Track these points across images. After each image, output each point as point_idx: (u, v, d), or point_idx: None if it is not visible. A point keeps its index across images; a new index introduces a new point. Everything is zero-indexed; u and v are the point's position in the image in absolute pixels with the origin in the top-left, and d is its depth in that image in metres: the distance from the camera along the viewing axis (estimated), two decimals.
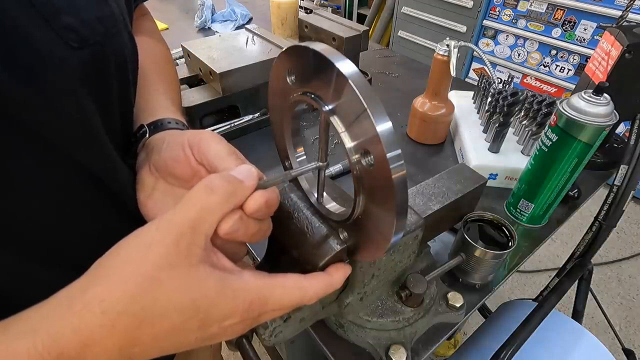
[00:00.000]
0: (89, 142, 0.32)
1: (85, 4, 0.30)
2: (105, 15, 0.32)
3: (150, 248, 0.23)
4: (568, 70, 1.88)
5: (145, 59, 0.45)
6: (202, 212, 0.24)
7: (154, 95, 0.44)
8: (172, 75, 0.52)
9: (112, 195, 0.36)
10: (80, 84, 0.29)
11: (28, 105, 0.26)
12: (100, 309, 0.21)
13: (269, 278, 0.27)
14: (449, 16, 2.17)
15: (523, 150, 0.68)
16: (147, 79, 0.45)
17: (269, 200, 0.27)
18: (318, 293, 0.28)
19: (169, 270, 0.22)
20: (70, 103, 0.29)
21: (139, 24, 0.53)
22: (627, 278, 1.67)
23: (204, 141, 0.32)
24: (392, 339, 0.43)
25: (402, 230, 0.26)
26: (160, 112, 0.41)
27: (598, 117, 0.47)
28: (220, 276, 0.24)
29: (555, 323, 0.66)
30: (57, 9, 0.27)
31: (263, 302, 0.26)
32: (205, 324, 0.24)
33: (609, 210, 0.63)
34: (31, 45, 0.26)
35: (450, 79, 0.69)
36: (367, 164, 0.24)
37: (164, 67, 0.50)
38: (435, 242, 0.58)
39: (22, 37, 0.25)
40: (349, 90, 0.22)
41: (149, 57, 0.48)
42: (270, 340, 0.34)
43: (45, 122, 0.28)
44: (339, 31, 0.89)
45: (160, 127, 0.39)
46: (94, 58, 0.30)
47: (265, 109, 0.81)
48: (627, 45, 0.58)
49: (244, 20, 1.34)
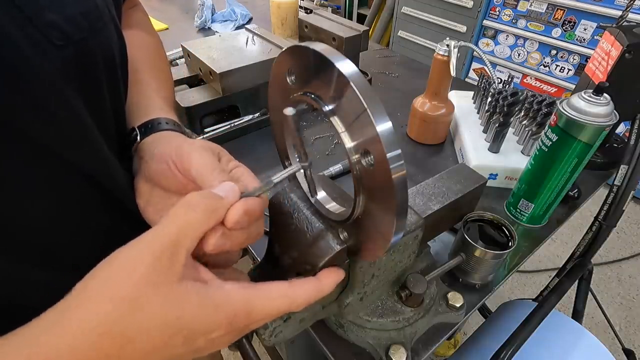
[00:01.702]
0: (79, 140, 0.32)
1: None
2: (90, 10, 0.32)
3: (131, 268, 0.22)
4: (568, 70, 1.88)
5: (136, 52, 0.44)
6: (182, 230, 0.24)
7: (146, 91, 0.43)
8: (164, 69, 0.50)
9: (106, 192, 0.35)
10: (65, 83, 0.29)
11: (14, 106, 0.26)
12: (82, 330, 0.21)
13: (252, 289, 0.26)
14: (449, 16, 2.17)
15: (523, 150, 0.68)
16: (138, 74, 0.44)
17: (248, 209, 0.27)
18: (308, 299, 0.28)
19: (150, 289, 0.22)
20: (57, 102, 0.29)
21: (128, 15, 0.51)
22: (627, 278, 1.67)
23: (185, 157, 0.32)
24: (392, 339, 0.43)
25: (402, 230, 0.26)
26: (153, 112, 0.40)
27: (598, 117, 0.46)
28: (202, 291, 0.24)
29: (555, 323, 0.66)
30: (41, 6, 0.27)
31: (247, 314, 0.25)
32: (190, 338, 0.24)
33: (609, 210, 0.63)
34: (13, 45, 0.25)
35: (450, 79, 0.69)
36: (367, 164, 0.24)
37: (155, 61, 0.49)
38: (435, 242, 0.58)
39: (4, 37, 0.24)
40: (349, 90, 0.22)
41: (140, 50, 0.47)
42: (270, 340, 0.34)
43: (32, 122, 0.27)
44: (339, 31, 0.89)
45: (151, 129, 0.38)
46: (78, 55, 0.30)
47: (265, 109, 0.81)
48: (627, 45, 0.58)
49: (244, 20, 1.34)
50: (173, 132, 0.38)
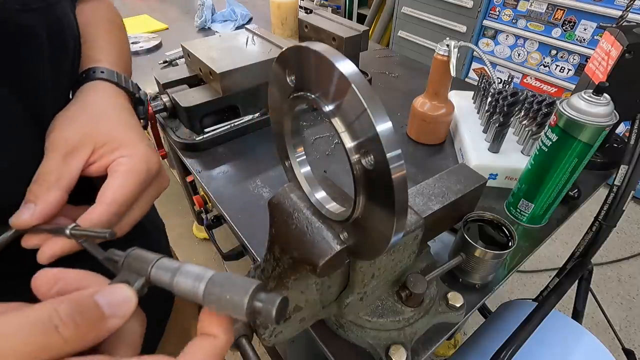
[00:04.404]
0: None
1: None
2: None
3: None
4: (568, 70, 1.88)
5: (89, 20, 0.44)
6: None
7: (93, 42, 0.43)
8: (120, 36, 0.49)
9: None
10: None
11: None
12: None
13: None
14: (449, 16, 2.17)
15: (523, 150, 0.68)
16: (89, 34, 0.43)
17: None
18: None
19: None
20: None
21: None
22: (627, 278, 1.67)
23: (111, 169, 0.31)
24: (392, 339, 0.43)
25: (402, 230, 0.26)
26: (91, 61, 0.40)
27: (598, 117, 0.47)
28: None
29: (555, 323, 0.66)
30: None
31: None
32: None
33: (609, 210, 0.63)
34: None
35: (450, 79, 0.69)
36: (367, 164, 0.24)
37: (108, 28, 0.47)
38: (435, 242, 0.58)
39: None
40: (349, 90, 0.22)
41: (93, 13, 0.46)
42: (271, 340, 0.34)
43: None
44: (339, 31, 0.89)
45: (85, 78, 0.38)
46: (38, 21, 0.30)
47: (265, 109, 0.81)
48: (627, 45, 0.58)
49: (244, 20, 1.34)
50: (105, 82, 0.38)
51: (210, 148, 0.75)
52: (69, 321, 0.18)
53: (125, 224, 0.33)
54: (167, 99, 0.76)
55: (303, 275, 0.33)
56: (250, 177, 0.68)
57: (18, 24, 0.30)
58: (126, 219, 0.33)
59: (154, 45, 1.16)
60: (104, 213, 0.30)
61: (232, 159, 0.72)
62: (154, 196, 0.35)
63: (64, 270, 0.23)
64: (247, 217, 0.60)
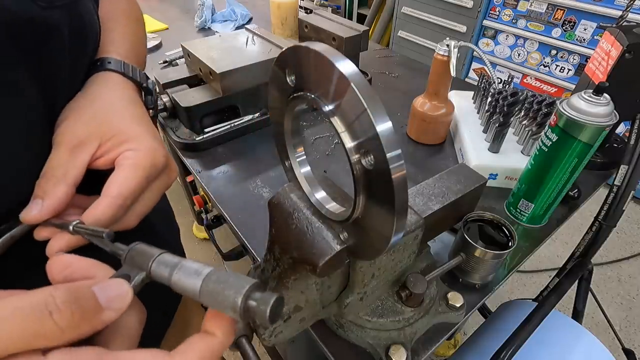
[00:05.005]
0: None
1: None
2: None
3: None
4: (568, 70, 1.88)
5: (107, 12, 0.44)
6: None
7: (107, 34, 0.42)
8: (136, 29, 0.49)
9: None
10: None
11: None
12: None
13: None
14: (449, 16, 2.17)
15: (523, 150, 0.68)
16: (105, 27, 0.43)
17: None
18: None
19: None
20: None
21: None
22: (627, 278, 1.67)
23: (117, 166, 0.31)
24: (392, 339, 0.43)
25: (402, 230, 0.26)
26: (104, 51, 0.40)
27: (598, 117, 0.46)
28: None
29: (555, 323, 0.66)
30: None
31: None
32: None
33: (609, 210, 0.63)
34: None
35: (450, 79, 0.69)
36: (367, 164, 0.24)
37: (125, 22, 0.47)
38: (435, 242, 0.58)
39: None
40: (349, 90, 0.22)
41: (113, 11, 0.46)
42: (271, 340, 0.34)
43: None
44: (339, 31, 0.89)
45: (94, 68, 0.38)
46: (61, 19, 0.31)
47: (265, 109, 0.81)
48: (627, 45, 0.58)
49: (244, 20, 1.34)
50: (113, 73, 0.38)
51: (210, 148, 0.75)
52: (65, 308, 0.18)
53: (132, 216, 0.33)
54: (167, 99, 0.76)
55: (303, 275, 0.33)
56: (250, 177, 0.68)
57: (43, 22, 0.30)
58: (133, 212, 0.33)
59: (154, 45, 1.16)
60: (109, 206, 0.30)
61: (232, 159, 0.72)
62: (161, 189, 0.35)
63: (77, 258, 0.24)
64: (247, 217, 0.60)
